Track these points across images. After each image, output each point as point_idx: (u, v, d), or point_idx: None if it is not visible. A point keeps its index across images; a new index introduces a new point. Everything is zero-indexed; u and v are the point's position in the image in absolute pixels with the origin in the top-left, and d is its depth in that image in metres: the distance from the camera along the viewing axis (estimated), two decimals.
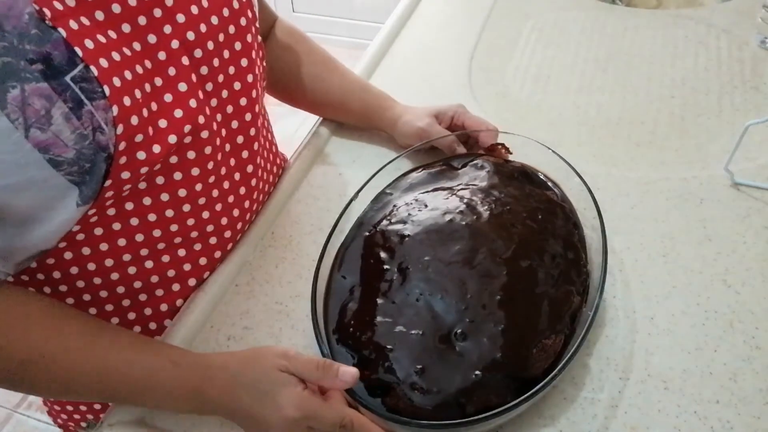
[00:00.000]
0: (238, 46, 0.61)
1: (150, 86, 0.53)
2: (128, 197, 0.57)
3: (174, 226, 0.62)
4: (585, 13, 1.08)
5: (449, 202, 0.65)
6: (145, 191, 0.58)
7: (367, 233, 0.66)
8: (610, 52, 0.99)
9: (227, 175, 0.65)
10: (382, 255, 0.62)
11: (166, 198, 0.59)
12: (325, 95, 0.83)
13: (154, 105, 0.54)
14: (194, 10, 0.56)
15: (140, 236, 0.60)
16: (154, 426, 0.59)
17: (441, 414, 0.52)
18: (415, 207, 0.66)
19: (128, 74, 0.50)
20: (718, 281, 0.65)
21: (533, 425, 0.56)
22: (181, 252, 0.64)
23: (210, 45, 0.58)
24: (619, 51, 0.99)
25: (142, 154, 0.53)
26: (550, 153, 0.69)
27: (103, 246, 0.59)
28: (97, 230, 0.57)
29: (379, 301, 0.59)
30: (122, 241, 0.59)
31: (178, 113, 0.55)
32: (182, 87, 0.56)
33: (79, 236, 0.57)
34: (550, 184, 0.70)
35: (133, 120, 0.51)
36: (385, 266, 0.61)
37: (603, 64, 0.97)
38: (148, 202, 0.58)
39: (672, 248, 0.69)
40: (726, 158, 0.75)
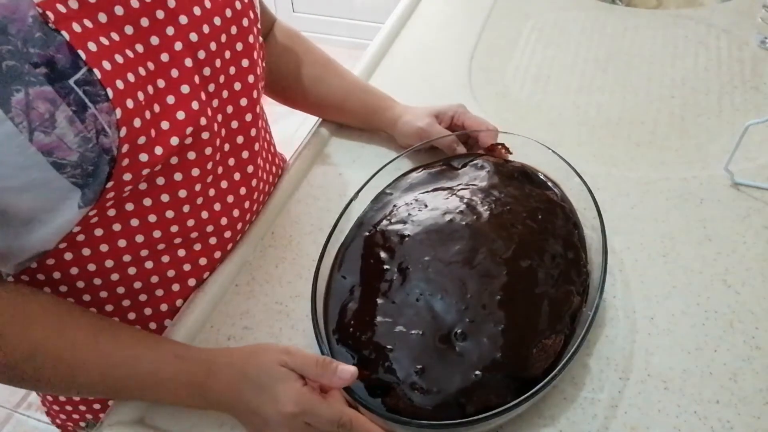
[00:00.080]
0: (239, 46, 0.61)
1: (153, 88, 0.53)
2: (129, 198, 0.57)
3: (174, 226, 0.62)
4: (585, 13, 1.08)
5: (449, 202, 0.65)
6: (146, 192, 0.58)
7: (367, 233, 0.66)
8: (610, 52, 0.99)
9: (227, 175, 0.65)
10: (382, 255, 0.62)
11: (166, 199, 0.59)
12: (324, 96, 0.83)
13: (157, 107, 0.54)
14: (197, 11, 0.56)
15: (140, 237, 0.60)
16: (154, 426, 0.59)
17: (441, 414, 0.52)
18: (415, 207, 0.66)
19: (131, 77, 0.50)
20: (718, 281, 0.65)
21: (533, 425, 0.56)
22: (181, 252, 0.64)
23: (213, 46, 0.58)
24: (619, 51, 0.99)
25: (144, 156, 0.53)
26: (550, 153, 0.69)
27: (104, 247, 0.59)
28: (98, 231, 0.57)
29: (379, 301, 0.59)
30: (122, 241, 0.59)
31: (181, 115, 0.55)
32: (185, 89, 0.56)
33: (80, 237, 0.57)
34: (550, 184, 0.70)
35: (136, 122, 0.51)
36: (385, 266, 0.61)
37: (603, 64, 0.97)
38: (148, 203, 0.58)
39: (672, 248, 0.69)
40: (726, 158, 0.75)
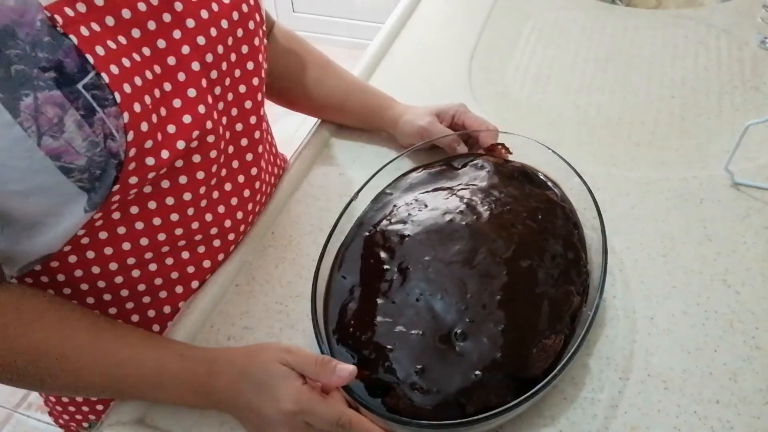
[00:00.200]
0: (245, 49, 0.61)
1: (159, 91, 0.53)
2: (133, 201, 0.57)
3: (179, 229, 0.62)
4: (585, 13, 1.08)
5: (449, 202, 0.65)
6: (151, 195, 0.58)
7: (367, 233, 0.66)
8: (610, 52, 0.99)
9: (231, 177, 0.65)
10: (382, 255, 0.62)
11: (171, 202, 0.59)
12: (325, 98, 0.83)
13: (163, 110, 0.53)
14: (204, 14, 0.56)
15: (145, 240, 0.60)
16: (154, 426, 0.59)
17: (441, 414, 0.52)
18: (415, 207, 0.66)
19: (138, 80, 0.50)
20: (718, 281, 0.65)
21: (533, 425, 0.56)
22: (185, 255, 0.64)
23: (220, 49, 0.58)
24: (619, 51, 0.99)
25: (150, 160, 0.53)
26: (550, 153, 0.69)
27: (108, 250, 0.59)
28: (102, 234, 0.57)
29: (379, 301, 0.59)
30: (127, 244, 0.59)
31: (187, 119, 0.55)
32: (191, 92, 0.56)
33: (84, 240, 0.57)
34: (550, 184, 0.70)
35: (143, 126, 0.51)
36: (385, 266, 0.61)
37: (603, 64, 0.97)
38: (153, 206, 0.58)
39: (672, 248, 0.69)
40: (726, 158, 0.75)
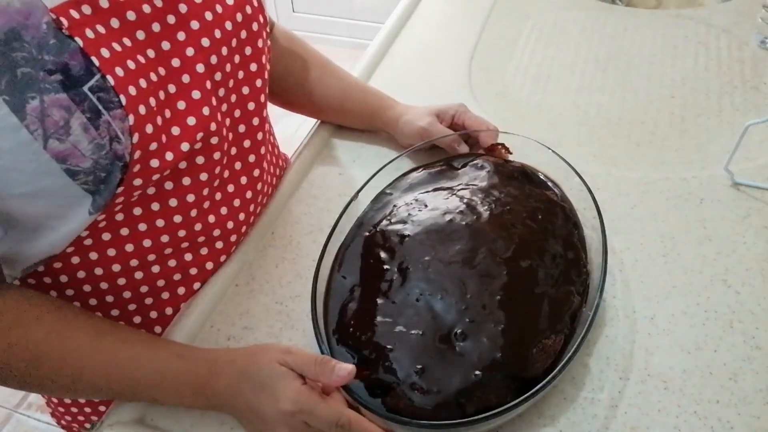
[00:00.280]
0: (248, 50, 0.61)
1: (164, 94, 0.53)
2: (137, 203, 0.57)
3: (182, 231, 0.62)
4: (585, 13, 1.08)
5: (449, 202, 0.65)
6: (154, 196, 0.58)
7: (367, 233, 0.66)
8: (610, 52, 0.99)
9: (234, 179, 0.65)
10: (382, 255, 0.62)
11: (174, 203, 0.59)
12: (325, 99, 0.83)
13: (168, 112, 0.53)
14: (208, 16, 0.56)
15: (148, 241, 0.60)
16: (154, 426, 0.59)
17: (441, 414, 0.52)
18: (415, 207, 0.66)
19: (143, 82, 0.50)
20: (718, 281, 0.65)
21: (533, 425, 0.56)
22: (188, 257, 0.64)
23: (224, 50, 0.58)
24: (619, 51, 0.99)
25: (155, 162, 0.53)
26: (550, 153, 0.69)
27: (111, 251, 0.59)
28: (105, 236, 0.57)
29: (379, 301, 0.59)
30: (130, 246, 0.59)
31: (191, 121, 0.55)
32: (196, 94, 0.56)
33: (87, 241, 0.57)
34: (550, 184, 0.70)
35: (148, 128, 0.51)
36: (385, 266, 0.61)
37: (603, 64, 0.97)
38: (156, 208, 0.58)
39: (672, 248, 0.69)
40: (726, 158, 0.75)
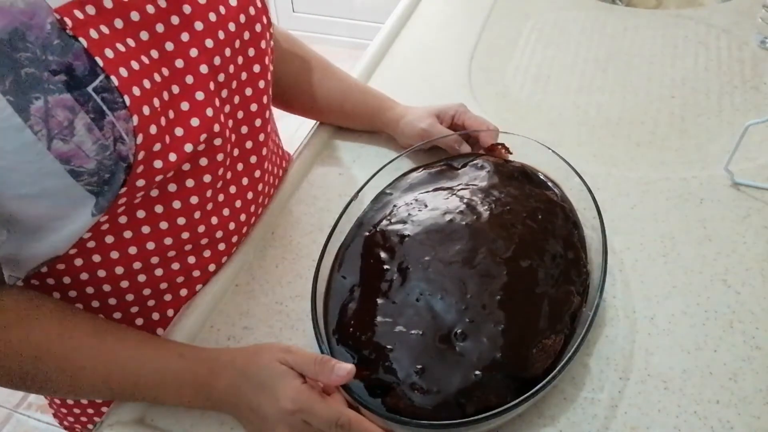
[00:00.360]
0: (251, 52, 0.61)
1: (168, 94, 0.53)
2: (140, 205, 0.57)
3: (185, 233, 0.62)
4: (585, 13, 1.08)
5: (449, 202, 0.65)
6: (157, 199, 0.57)
7: (367, 233, 0.66)
8: (610, 52, 0.99)
9: (236, 180, 0.65)
10: (382, 255, 0.62)
11: (177, 205, 0.59)
12: (324, 100, 0.83)
13: (171, 113, 0.53)
14: (212, 17, 0.56)
15: (151, 244, 0.60)
16: (154, 426, 0.59)
17: (441, 414, 0.52)
18: (415, 207, 0.66)
19: (147, 83, 0.50)
20: (718, 281, 0.65)
21: (533, 425, 0.56)
22: (191, 259, 0.64)
23: (228, 52, 0.58)
24: (619, 51, 0.99)
25: (158, 163, 0.52)
26: (550, 153, 0.69)
27: (114, 254, 0.59)
28: (108, 238, 0.57)
29: (379, 301, 0.59)
30: (133, 249, 0.59)
31: (195, 122, 0.55)
32: (199, 95, 0.55)
33: (90, 244, 0.57)
34: (550, 184, 0.70)
35: (152, 129, 0.50)
36: (385, 266, 0.61)
37: (603, 64, 0.97)
38: (159, 210, 0.58)
39: (672, 248, 0.69)
40: (726, 158, 0.75)
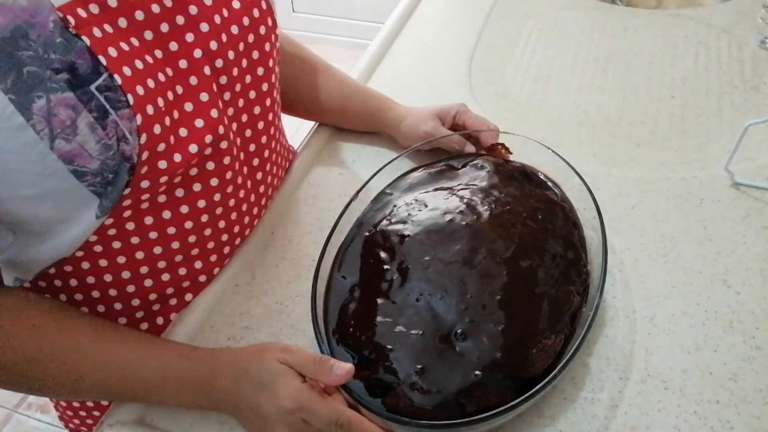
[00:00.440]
0: (255, 55, 0.61)
1: (172, 94, 0.53)
2: (148, 211, 0.56)
3: (192, 237, 0.61)
4: (585, 13, 1.08)
5: (449, 202, 0.65)
6: (165, 204, 0.57)
7: (367, 233, 0.66)
8: (610, 52, 0.99)
9: (242, 183, 0.65)
10: (382, 255, 0.62)
11: (185, 210, 0.59)
12: (325, 102, 0.83)
13: (176, 113, 0.53)
14: (217, 19, 0.56)
15: (159, 249, 0.60)
16: (154, 426, 0.58)
17: (441, 414, 0.52)
18: (415, 207, 0.66)
19: (151, 82, 0.50)
20: (718, 281, 0.65)
21: (533, 425, 0.56)
22: (198, 264, 0.65)
23: (230, 55, 0.58)
24: (619, 51, 0.99)
25: (163, 164, 0.52)
26: (550, 153, 0.69)
27: (121, 259, 0.58)
28: (116, 243, 0.57)
29: (379, 301, 0.59)
30: (140, 254, 0.59)
31: (199, 123, 0.55)
32: (204, 97, 0.55)
33: (97, 248, 0.56)
34: (550, 184, 0.70)
35: (156, 129, 0.50)
36: (385, 266, 0.61)
37: (603, 64, 0.97)
38: (167, 216, 0.58)
39: (672, 248, 0.69)
40: (726, 158, 0.75)
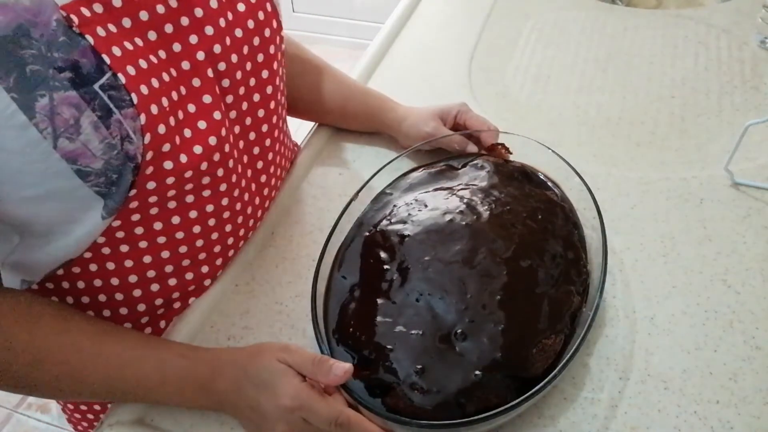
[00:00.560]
0: (260, 57, 0.61)
1: (177, 95, 0.52)
2: (158, 216, 0.56)
3: (200, 241, 0.62)
4: (585, 13, 1.08)
5: (449, 202, 0.65)
6: (175, 210, 0.57)
7: (367, 233, 0.66)
8: (610, 52, 0.99)
9: (246, 186, 0.65)
10: (382, 255, 0.62)
11: (194, 215, 0.59)
12: (325, 103, 0.83)
13: (180, 113, 0.53)
14: (222, 23, 0.55)
15: (166, 253, 0.60)
16: (154, 426, 0.59)
17: (441, 414, 0.52)
18: (415, 207, 0.66)
19: (155, 82, 0.50)
20: (718, 281, 0.65)
21: (533, 425, 0.56)
22: (204, 268, 0.65)
23: (234, 58, 0.57)
24: (619, 51, 0.99)
25: (169, 164, 0.52)
26: (550, 153, 0.69)
27: (129, 262, 0.58)
28: (124, 247, 0.57)
29: (379, 301, 0.59)
30: (148, 258, 0.59)
31: (202, 124, 0.55)
32: (207, 98, 0.55)
33: (105, 249, 0.56)
34: (550, 184, 0.70)
35: (160, 129, 0.50)
36: (385, 266, 0.61)
37: (603, 64, 0.97)
38: (176, 221, 0.58)
39: (672, 248, 0.69)
40: (726, 158, 0.75)
